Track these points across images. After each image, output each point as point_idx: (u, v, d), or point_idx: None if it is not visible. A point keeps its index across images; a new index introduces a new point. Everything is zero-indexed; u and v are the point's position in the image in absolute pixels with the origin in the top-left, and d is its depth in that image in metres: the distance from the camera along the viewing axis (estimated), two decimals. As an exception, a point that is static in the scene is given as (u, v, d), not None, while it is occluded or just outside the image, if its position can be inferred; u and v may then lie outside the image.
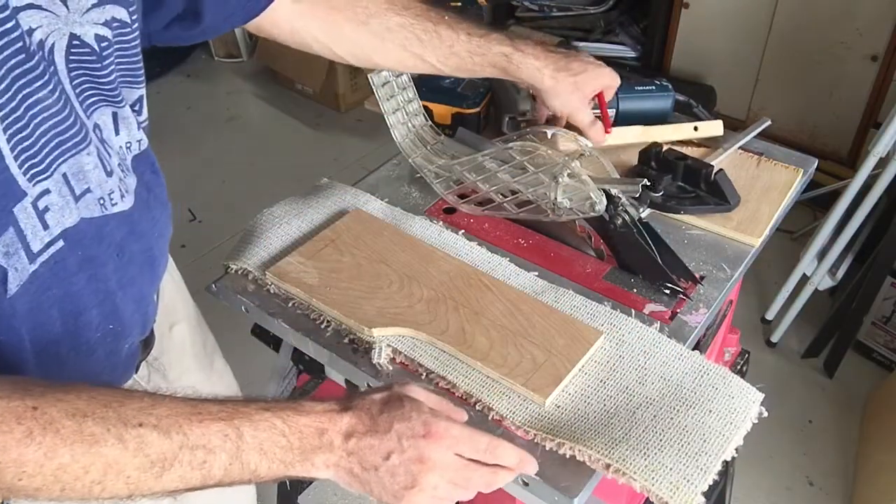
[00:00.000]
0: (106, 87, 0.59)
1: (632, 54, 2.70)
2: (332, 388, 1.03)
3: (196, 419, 0.55)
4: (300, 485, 1.35)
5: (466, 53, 0.88)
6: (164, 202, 0.75)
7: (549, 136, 1.09)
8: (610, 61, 2.89)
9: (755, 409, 0.77)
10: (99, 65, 0.58)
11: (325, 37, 0.89)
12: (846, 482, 1.78)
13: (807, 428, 1.90)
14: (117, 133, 0.63)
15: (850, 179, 1.85)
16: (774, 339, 2.07)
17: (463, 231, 1.00)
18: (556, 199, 0.94)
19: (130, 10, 0.61)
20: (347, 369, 0.85)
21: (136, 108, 0.68)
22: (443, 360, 0.82)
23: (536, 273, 0.93)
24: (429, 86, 1.21)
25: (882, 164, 1.76)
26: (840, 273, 2.04)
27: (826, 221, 1.92)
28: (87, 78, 0.57)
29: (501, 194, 1.01)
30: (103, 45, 0.58)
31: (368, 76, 1.07)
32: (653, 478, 0.69)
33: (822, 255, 1.97)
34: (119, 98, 0.62)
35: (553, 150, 0.97)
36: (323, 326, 0.87)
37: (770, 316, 2.11)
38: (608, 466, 0.70)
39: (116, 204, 0.62)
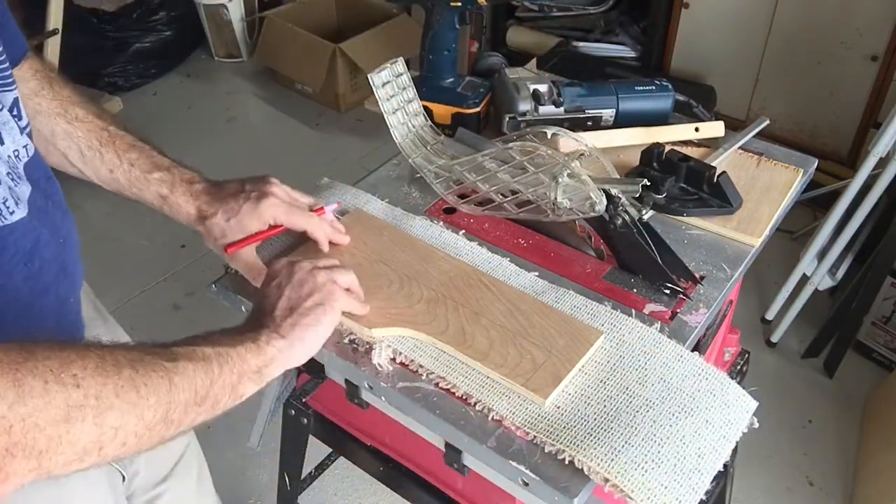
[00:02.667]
0: None
1: (632, 54, 2.71)
2: (332, 388, 1.03)
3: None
4: (300, 484, 1.35)
5: (126, 182, 0.84)
6: (65, 209, 0.75)
7: (549, 136, 1.09)
8: (610, 61, 2.87)
9: (747, 419, 0.78)
10: None
11: None
12: (846, 482, 1.78)
13: (807, 428, 1.90)
14: (2, 142, 0.62)
15: (850, 179, 1.85)
16: (774, 339, 2.07)
17: (463, 231, 1.00)
18: (556, 199, 0.94)
19: None
20: (347, 369, 0.85)
21: (14, 112, 0.67)
22: (443, 360, 0.82)
23: (537, 273, 0.93)
24: (429, 86, 1.21)
25: (882, 164, 1.76)
26: (840, 273, 2.04)
27: (826, 221, 1.92)
28: None
29: (501, 194, 1.01)
30: None
31: (368, 76, 1.07)
32: (648, 498, 0.69)
33: (822, 255, 1.97)
34: None
35: (553, 150, 0.96)
36: (323, 326, 0.87)
37: (770, 316, 2.11)
38: (606, 481, 0.70)
39: (14, 212, 0.62)
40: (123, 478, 0.83)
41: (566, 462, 0.72)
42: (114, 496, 0.80)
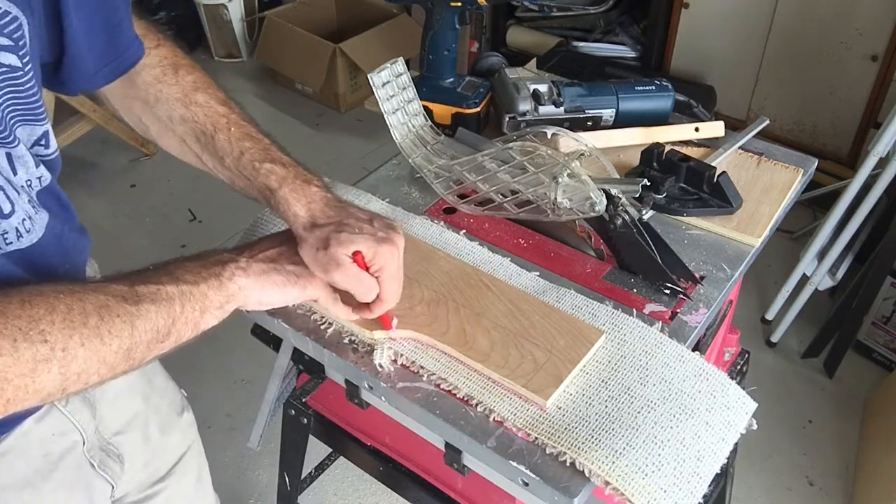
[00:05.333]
0: None
1: (632, 54, 2.71)
2: (332, 389, 1.03)
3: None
4: (300, 484, 1.35)
5: (236, 171, 0.80)
6: (80, 230, 0.76)
7: (549, 136, 1.09)
8: (610, 61, 2.86)
9: (746, 420, 0.78)
10: None
11: (115, 103, 0.85)
12: (846, 482, 1.78)
13: (807, 428, 1.90)
14: (15, 173, 0.64)
15: (850, 179, 1.85)
16: (774, 339, 2.07)
17: (464, 231, 1.00)
18: (556, 199, 0.94)
19: (21, 54, 0.60)
20: (347, 369, 0.85)
21: (42, 142, 0.68)
22: (444, 361, 0.82)
23: (537, 273, 0.93)
24: (429, 86, 1.21)
25: (882, 164, 1.76)
26: (840, 273, 2.04)
27: (826, 221, 1.92)
28: None
29: (501, 194, 1.01)
30: None
31: (368, 76, 1.07)
32: (648, 502, 0.69)
33: (822, 255, 1.97)
34: (10, 139, 0.62)
35: (553, 150, 0.97)
36: (323, 327, 0.87)
37: (770, 316, 2.11)
38: (607, 484, 0.70)
39: (11, 243, 0.63)
40: (113, 487, 0.82)
41: (567, 464, 0.72)
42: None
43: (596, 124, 1.17)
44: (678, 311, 0.90)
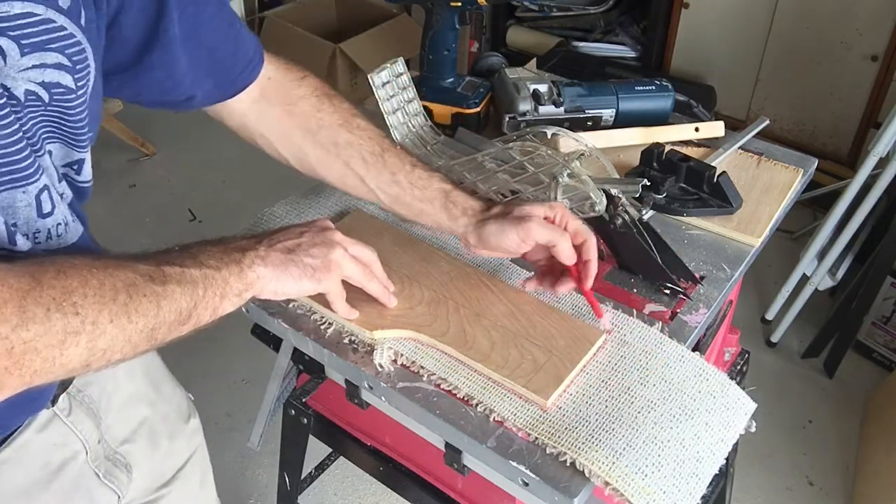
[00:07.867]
0: (27, 133, 0.61)
1: (632, 54, 2.71)
2: (332, 389, 1.03)
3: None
4: (300, 484, 1.35)
5: (407, 184, 0.88)
6: (95, 243, 0.77)
7: (549, 136, 1.09)
8: (610, 61, 2.85)
9: (745, 420, 0.78)
10: (21, 113, 0.59)
11: (273, 136, 0.91)
12: (846, 482, 1.78)
13: (807, 428, 1.90)
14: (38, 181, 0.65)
15: (850, 179, 1.85)
16: (774, 339, 2.07)
17: (463, 231, 1.00)
18: (556, 199, 0.94)
19: (76, 77, 0.61)
20: (347, 369, 0.85)
21: (75, 167, 0.69)
22: (444, 361, 0.82)
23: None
24: (429, 86, 1.21)
25: (882, 164, 1.76)
26: (840, 273, 2.04)
27: (826, 221, 1.92)
28: (12, 119, 0.59)
29: (501, 194, 1.01)
30: (30, 98, 0.59)
31: (368, 76, 1.07)
32: (647, 503, 0.69)
33: (822, 255, 1.97)
34: (38, 147, 0.63)
35: (553, 150, 0.97)
36: (323, 327, 0.87)
37: (770, 316, 2.11)
38: (607, 484, 0.70)
39: (40, 243, 0.65)
40: (119, 496, 0.82)
41: (567, 464, 0.72)
42: None
43: (596, 124, 1.17)
44: (678, 311, 0.90)
